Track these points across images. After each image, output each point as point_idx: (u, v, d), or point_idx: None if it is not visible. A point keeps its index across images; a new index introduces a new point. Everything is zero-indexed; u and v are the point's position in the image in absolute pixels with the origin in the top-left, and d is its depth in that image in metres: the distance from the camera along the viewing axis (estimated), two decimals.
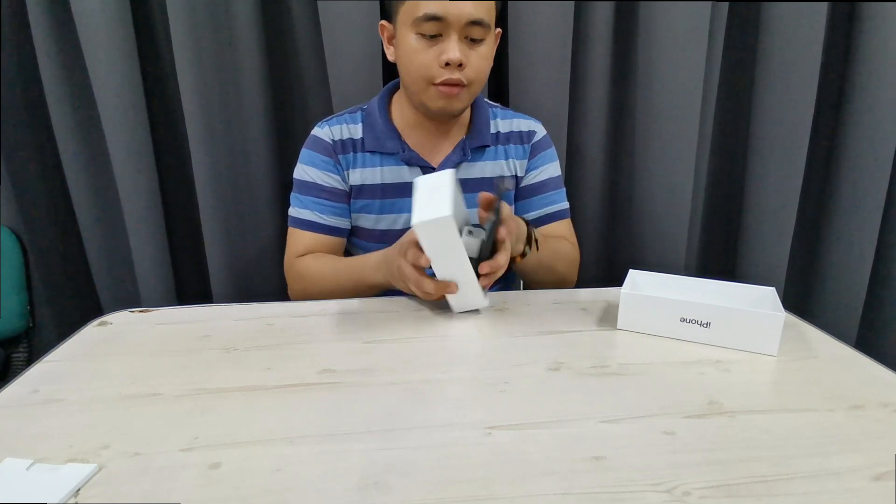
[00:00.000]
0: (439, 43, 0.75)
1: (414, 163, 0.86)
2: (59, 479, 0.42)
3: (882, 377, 0.57)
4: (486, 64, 0.80)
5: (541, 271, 0.87)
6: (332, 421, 0.50)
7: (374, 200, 0.88)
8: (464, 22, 0.74)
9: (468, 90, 0.79)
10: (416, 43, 0.76)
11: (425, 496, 0.40)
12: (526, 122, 0.93)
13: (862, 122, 1.17)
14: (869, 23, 1.11)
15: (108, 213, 1.17)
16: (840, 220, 1.24)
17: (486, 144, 0.89)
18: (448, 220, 0.63)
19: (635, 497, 0.40)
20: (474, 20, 0.74)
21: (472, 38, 0.76)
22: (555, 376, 0.57)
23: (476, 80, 0.79)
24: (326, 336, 0.68)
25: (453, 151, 0.87)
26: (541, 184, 0.93)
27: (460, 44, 0.75)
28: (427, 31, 0.75)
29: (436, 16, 0.73)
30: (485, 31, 0.76)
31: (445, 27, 0.74)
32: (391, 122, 0.87)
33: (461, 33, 0.75)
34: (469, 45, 0.76)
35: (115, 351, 0.64)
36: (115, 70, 1.04)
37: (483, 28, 0.75)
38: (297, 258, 0.88)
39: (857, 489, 0.41)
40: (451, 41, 0.74)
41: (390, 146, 0.86)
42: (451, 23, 0.73)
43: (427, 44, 0.76)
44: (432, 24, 0.74)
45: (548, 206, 0.93)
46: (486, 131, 0.89)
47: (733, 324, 0.62)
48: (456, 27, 0.74)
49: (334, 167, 0.87)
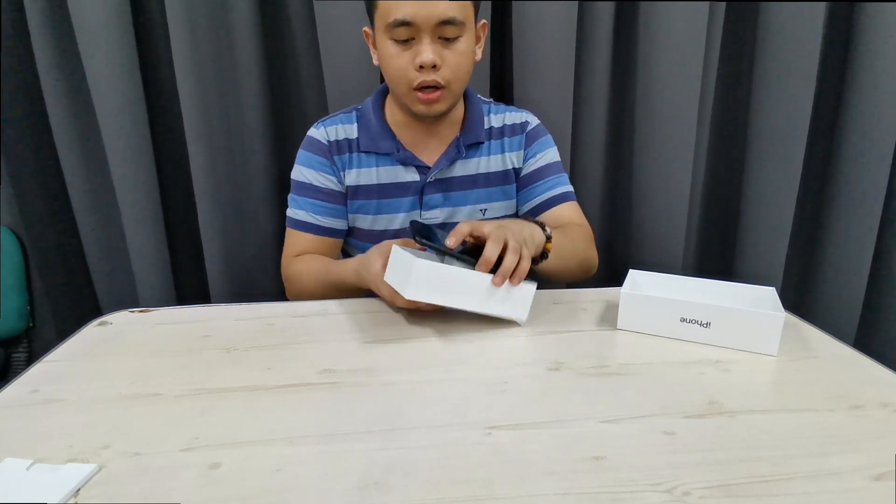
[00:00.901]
0: (413, 46, 0.75)
1: (409, 162, 0.86)
2: (59, 479, 0.42)
3: (882, 377, 0.57)
4: (465, 61, 0.78)
5: (564, 264, 0.83)
6: (332, 421, 0.50)
7: (370, 201, 0.88)
8: (434, 23, 0.73)
9: (448, 90, 0.78)
10: (392, 48, 0.76)
11: (425, 496, 0.40)
12: (518, 114, 0.93)
13: (860, 121, 1.17)
14: (867, 22, 1.11)
15: (107, 213, 1.17)
16: (838, 219, 1.24)
17: (481, 141, 0.89)
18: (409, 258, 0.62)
19: (635, 497, 0.40)
20: (445, 20, 0.73)
21: (446, 37, 0.75)
22: (555, 376, 0.57)
23: (454, 78, 0.78)
24: (326, 336, 0.68)
25: (447, 149, 0.87)
26: (540, 170, 0.92)
27: (434, 45, 0.74)
28: (399, 35, 0.74)
29: (405, 21, 0.72)
30: (459, 29, 0.75)
31: (416, 30, 0.73)
32: (385, 122, 0.87)
33: (434, 34, 0.74)
34: (444, 44, 0.75)
35: (115, 351, 0.64)
36: (114, 71, 1.04)
37: (456, 26, 0.74)
38: (292, 260, 0.88)
39: (857, 489, 0.41)
40: (424, 44, 0.74)
41: (385, 146, 0.86)
42: (421, 25, 0.73)
43: (401, 48, 0.75)
44: (403, 29, 0.73)
45: (550, 190, 0.92)
46: (479, 128, 0.89)
47: (733, 324, 0.62)
48: (427, 29, 0.73)
49: (330, 168, 0.87)
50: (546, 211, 0.90)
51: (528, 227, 0.72)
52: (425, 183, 0.86)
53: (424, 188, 0.86)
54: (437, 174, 0.86)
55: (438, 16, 0.72)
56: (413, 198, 0.87)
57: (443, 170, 0.86)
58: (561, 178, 0.93)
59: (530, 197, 0.92)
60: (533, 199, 0.92)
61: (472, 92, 0.90)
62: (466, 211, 0.89)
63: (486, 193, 0.90)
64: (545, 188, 0.92)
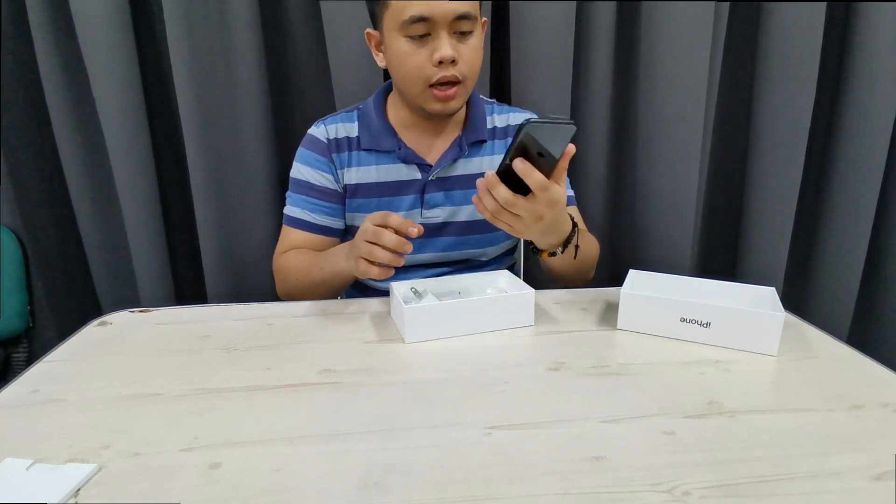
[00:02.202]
0: (429, 42, 0.75)
1: (410, 160, 0.86)
2: (59, 479, 0.42)
3: (882, 377, 0.57)
4: (478, 56, 0.80)
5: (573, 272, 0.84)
6: (332, 421, 0.50)
7: (370, 199, 0.88)
8: (450, 18, 0.73)
9: (463, 86, 0.79)
10: (406, 46, 0.75)
11: (425, 496, 0.40)
12: (522, 114, 0.93)
13: (857, 121, 1.17)
14: (867, 21, 1.11)
15: (107, 213, 1.17)
16: (835, 218, 1.25)
17: (483, 139, 0.89)
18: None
19: (635, 497, 0.40)
20: (461, 14, 0.74)
21: (462, 31, 0.76)
22: (555, 376, 0.57)
23: (469, 74, 0.78)
24: (326, 336, 0.68)
25: (450, 148, 0.86)
26: None
27: (450, 39, 0.75)
28: (415, 32, 0.74)
29: (422, 16, 0.72)
30: (472, 24, 0.76)
31: (433, 26, 0.74)
32: (387, 120, 0.87)
33: (450, 29, 0.74)
34: (458, 38, 0.76)
35: (115, 351, 0.64)
36: (114, 71, 1.04)
37: (470, 20, 0.75)
38: (281, 254, 0.88)
39: (857, 489, 0.41)
40: (441, 39, 0.74)
41: (386, 144, 0.86)
42: (438, 21, 0.73)
43: (417, 45, 0.75)
44: (420, 25, 0.73)
45: None
46: (482, 126, 0.89)
47: (733, 324, 0.62)
48: (444, 24, 0.73)
49: (327, 166, 0.87)
50: None
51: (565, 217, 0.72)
52: (427, 181, 0.86)
53: (426, 186, 0.86)
54: (439, 172, 0.86)
55: (454, 10, 0.73)
56: (414, 196, 0.87)
57: (445, 168, 0.86)
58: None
59: None
60: None
61: (475, 91, 0.90)
62: (468, 210, 0.89)
63: None
64: None
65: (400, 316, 0.67)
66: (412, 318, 0.64)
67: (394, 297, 0.69)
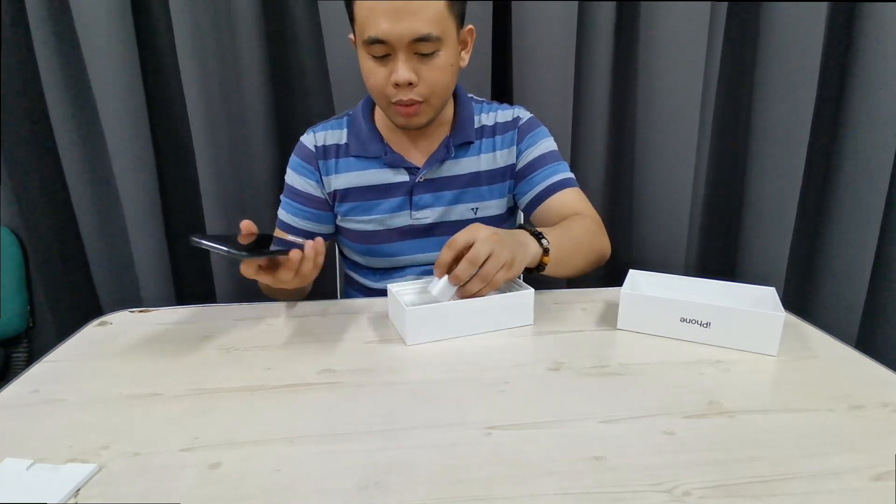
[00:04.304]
0: (389, 63, 0.74)
1: (398, 165, 0.86)
2: (59, 479, 0.42)
3: (882, 377, 0.57)
4: (443, 75, 0.77)
5: (572, 264, 0.81)
6: (332, 421, 0.50)
7: (359, 203, 0.88)
8: (407, 41, 0.71)
9: (427, 105, 0.78)
10: (369, 63, 0.75)
11: (425, 496, 0.40)
12: (510, 111, 0.92)
13: (862, 121, 1.17)
14: (868, 21, 1.11)
15: (108, 213, 1.17)
16: (840, 219, 1.24)
17: (471, 140, 0.88)
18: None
19: (635, 497, 0.40)
20: (419, 37, 0.71)
21: (422, 53, 0.73)
22: (555, 376, 0.57)
23: (432, 93, 0.77)
24: (326, 336, 0.68)
25: (437, 150, 0.86)
26: (535, 160, 0.90)
27: (409, 62, 0.73)
28: (375, 52, 0.73)
29: (378, 38, 0.71)
30: (435, 45, 0.73)
31: (391, 48, 0.72)
32: (374, 125, 0.88)
33: (409, 51, 0.73)
34: (420, 59, 0.74)
35: (115, 351, 0.64)
36: (115, 71, 1.04)
37: (431, 42, 0.72)
38: None
39: (857, 489, 0.41)
40: (398, 62, 0.73)
41: (373, 150, 0.86)
42: (395, 44, 0.72)
43: (378, 63, 0.74)
44: (378, 46, 0.72)
45: (548, 178, 0.90)
46: (469, 127, 0.88)
47: (733, 324, 0.62)
48: (401, 47, 0.72)
49: (312, 174, 0.88)
50: (547, 199, 0.88)
51: (523, 240, 0.71)
52: (414, 184, 0.86)
53: (414, 189, 0.87)
54: (427, 174, 0.86)
55: (412, 34, 0.71)
56: (403, 198, 0.87)
57: (432, 170, 0.86)
58: (559, 166, 0.91)
59: (529, 188, 0.90)
60: (532, 190, 0.90)
61: (462, 92, 0.90)
62: (458, 211, 0.89)
63: (478, 193, 0.90)
64: (543, 177, 0.90)
65: (401, 318, 0.66)
66: (413, 320, 0.64)
67: (393, 300, 0.69)
